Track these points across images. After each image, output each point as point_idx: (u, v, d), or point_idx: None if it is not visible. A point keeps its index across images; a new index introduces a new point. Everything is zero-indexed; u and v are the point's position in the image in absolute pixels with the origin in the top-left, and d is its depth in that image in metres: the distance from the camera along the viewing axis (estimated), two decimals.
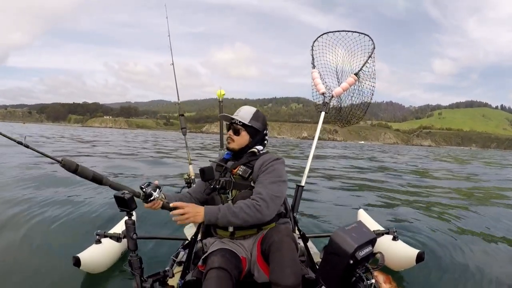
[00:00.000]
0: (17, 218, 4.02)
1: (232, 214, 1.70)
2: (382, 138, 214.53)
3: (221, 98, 2.77)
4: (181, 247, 2.50)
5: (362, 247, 1.40)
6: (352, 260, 1.38)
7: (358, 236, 1.42)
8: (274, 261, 1.58)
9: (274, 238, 1.64)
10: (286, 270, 1.54)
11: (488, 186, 6.84)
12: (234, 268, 1.65)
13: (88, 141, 18.39)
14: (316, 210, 4.45)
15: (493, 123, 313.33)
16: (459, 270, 2.86)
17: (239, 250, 1.81)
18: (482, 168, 16.71)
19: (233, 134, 2.02)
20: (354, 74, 2.73)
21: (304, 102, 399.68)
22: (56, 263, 2.75)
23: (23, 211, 4.11)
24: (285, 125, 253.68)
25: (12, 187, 5.50)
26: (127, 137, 32.65)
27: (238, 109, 2.09)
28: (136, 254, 1.68)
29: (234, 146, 2.02)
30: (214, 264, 1.61)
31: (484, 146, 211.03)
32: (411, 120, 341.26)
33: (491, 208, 4.91)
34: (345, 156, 19.72)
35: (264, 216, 1.74)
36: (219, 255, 1.68)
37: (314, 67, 2.93)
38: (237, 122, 2.01)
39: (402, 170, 9.86)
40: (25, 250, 2.98)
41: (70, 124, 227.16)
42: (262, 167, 1.90)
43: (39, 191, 5.33)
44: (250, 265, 1.79)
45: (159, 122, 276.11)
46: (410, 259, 2.36)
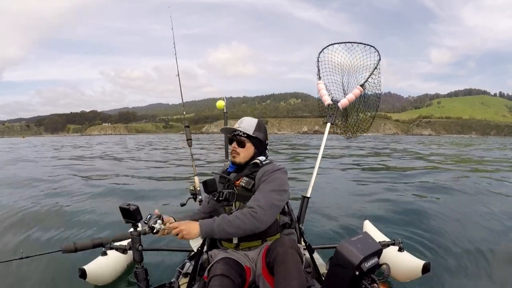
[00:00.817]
0: (20, 228, 4.04)
1: (227, 223, 1.70)
2: (382, 129, 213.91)
3: (224, 109, 2.73)
4: (187, 259, 2.51)
5: (368, 259, 1.40)
6: (358, 271, 1.38)
7: (363, 247, 1.42)
8: (279, 274, 1.58)
9: (279, 250, 1.64)
10: (290, 282, 1.53)
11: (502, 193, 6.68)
12: (238, 276, 1.66)
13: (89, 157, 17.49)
14: (322, 220, 4.44)
15: (492, 110, 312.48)
16: (465, 282, 2.85)
17: (243, 260, 1.82)
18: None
19: (237, 147, 1.99)
20: (360, 86, 2.73)
21: (302, 96, 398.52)
22: (62, 275, 2.77)
23: (25, 221, 4.13)
24: (284, 120, 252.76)
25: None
26: (129, 145, 32.23)
27: (239, 120, 2.06)
28: (141, 266, 1.69)
29: (241, 160, 2.00)
30: (217, 272, 1.62)
31: (484, 133, 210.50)
32: (410, 110, 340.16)
33: (501, 216, 4.82)
34: (354, 152, 19.56)
35: (260, 223, 1.73)
36: (222, 263, 1.69)
37: (319, 78, 2.94)
38: (240, 134, 1.99)
39: (413, 174, 9.69)
40: (30, 261, 2.98)
41: (69, 134, 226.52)
42: (263, 177, 1.89)
43: (42, 201, 5.35)
44: (255, 276, 1.79)
45: (158, 125, 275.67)
46: (416, 270, 2.36)
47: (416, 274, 2.36)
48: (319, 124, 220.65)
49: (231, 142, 2.04)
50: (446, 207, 5.32)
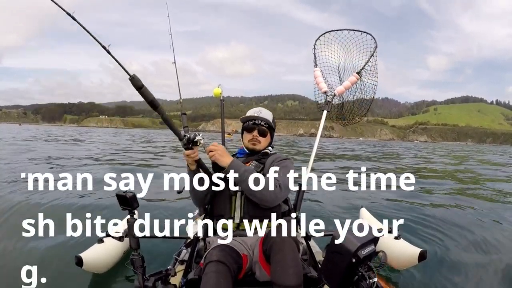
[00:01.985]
0: (17, 215, 4.00)
1: (253, 175, 1.77)
2: (378, 134, 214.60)
3: (221, 97, 2.69)
4: (183, 246, 2.52)
5: (365, 246, 1.42)
6: (354, 258, 1.39)
7: (360, 234, 1.43)
8: (275, 262, 1.58)
9: (275, 238, 1.65)
10: (287, 270, 1.54)
11: (494, 187, 6.77)
12: (234, 263, 1.66)
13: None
14: (318, 208, 4.46)
15: (489, 118, 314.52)
16: (461, 269, 2.87)
17: (240, 247, 1.83)
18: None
19: (258, 136, 2.07)
20: (357, 73, 2.71)
21: (300, 99, 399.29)
22: (58, 263, 2.76)
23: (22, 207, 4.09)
24: (281, 122, 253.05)
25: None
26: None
27: (257, 109, 2.13)
28: (138, 253, 1.70)
29: (260, 148, 2.09)
30: (212, 258, 1.63)
31: (480, 141, 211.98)
32: (407, 116, 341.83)
33: (496, 206, 4.88)
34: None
35: (276, 198, 1.81)
36: (218, 249, 1.70)
37: (316, 65, 2.91)
38: (262, 123, 2.07)
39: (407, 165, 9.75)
40: (25, 249, 2.96)
41: (65, 124, 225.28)
42: (274, 162, 1.98)
43: (39, 189, 5.30)
44: (252, 263, 1.80)
45: (155, 120, 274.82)
46: (412, 257, 2.36)
47: (413, 261, 2.37)
48: (316, 127, 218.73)
49: (249, 130, 2.09)
50: (444, 198, 5.37)
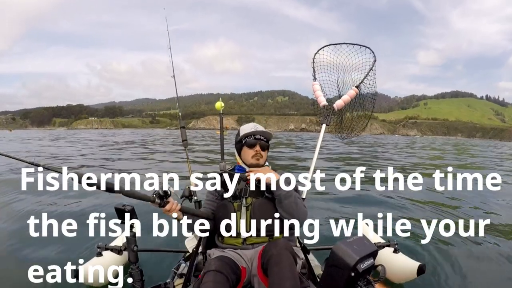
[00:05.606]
0: (15, 228, 3.96)
1: (296, 195, 1.98)
2: (368, 128, 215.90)
3: (221, 110, 2.73)
4: (182, 259, 2.52)
5: (364, 260, 1.43)
6: (353, 272, 1.40)
7: (359, 248, 1.45)
8: (273, 275, 1.59)
9: (273, 251, 1.66)
10: (284, 283, 1.54)
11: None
12: (232, 273, 1.67)
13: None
14: (317, 221, 4.46)
15: (478, 113, 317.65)
16: (460, 283, 2.87)
17: (239, 260, 1.85)
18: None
19: (261, 150, 2.13)
20: (355, 87, 2.74)
21: (289, 94, 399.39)
22: (55, 276, 2.74)
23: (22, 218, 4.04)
24: (271, 118, 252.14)
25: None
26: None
27: (251, 125, 2.19)
28: (137, 267, 1.71)
29: (262, 162, 2.15)
30: (211, 267, 1.64)
31: (469, 135, 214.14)
32: (397, 111, 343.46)
33: (497, 218, 4.90)
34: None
35: (306, 213, 2.01)
36: (216, 259, 1.72)
37: (315, 79, 2.93)
38: (262, 138, 2.13)
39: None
40: (23, 262, 2.97)
41: (55, 127, 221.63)
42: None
43: (39, 198, 5.25)
44: (250, 276, 1.81)
45: (145, 120, 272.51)
46: (411, 271, 2.38)
47: (412, 275, 2.39)
48: (306, 122, 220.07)
49: (250, 146, 2.12)
50: (441, 208, 5.41)
